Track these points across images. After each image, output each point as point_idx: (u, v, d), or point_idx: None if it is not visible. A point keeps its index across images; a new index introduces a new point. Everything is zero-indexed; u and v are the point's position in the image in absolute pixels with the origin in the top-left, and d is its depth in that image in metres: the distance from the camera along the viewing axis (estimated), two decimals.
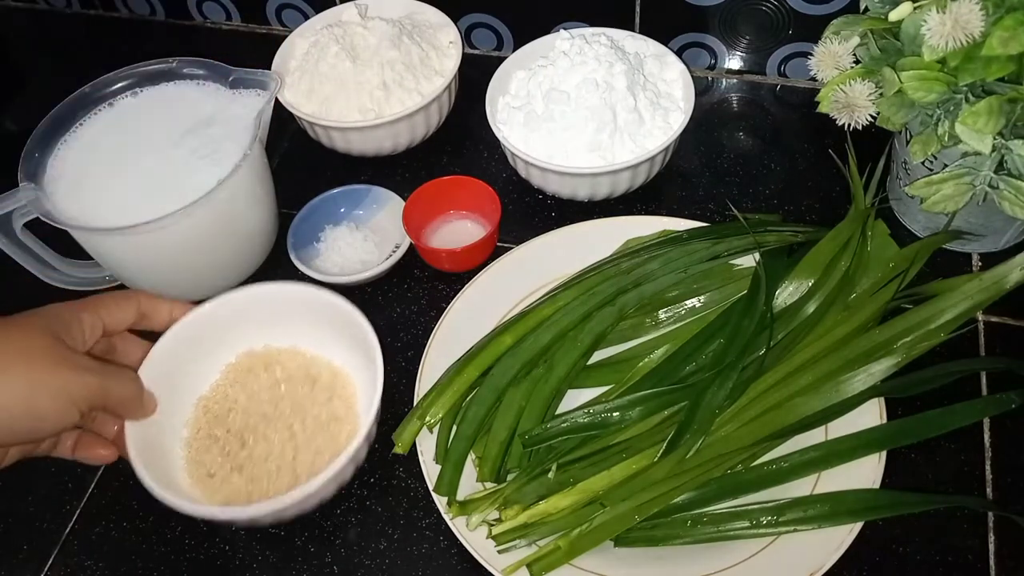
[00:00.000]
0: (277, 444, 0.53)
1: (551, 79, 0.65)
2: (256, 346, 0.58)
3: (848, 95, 0.52)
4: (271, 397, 0.55)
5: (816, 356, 0.53)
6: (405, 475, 0.55)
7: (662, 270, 0.57)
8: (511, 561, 0.48)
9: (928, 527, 0.51)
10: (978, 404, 0.53)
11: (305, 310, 0.55)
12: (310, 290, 0.55)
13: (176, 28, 0.87)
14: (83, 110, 0.63)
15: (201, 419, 0.56)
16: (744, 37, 0.72)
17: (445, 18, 0.73)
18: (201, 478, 0.53)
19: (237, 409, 0.55)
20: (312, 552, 0.53)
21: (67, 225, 0.57)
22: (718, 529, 0.49)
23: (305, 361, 0.57)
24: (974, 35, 0.45)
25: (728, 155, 0.70)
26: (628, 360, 0.57)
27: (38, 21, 0.90)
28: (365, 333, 0.52)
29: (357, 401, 0.55)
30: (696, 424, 0.50)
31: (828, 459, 0.51)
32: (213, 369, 0.57)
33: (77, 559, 0.54)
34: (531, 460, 0.52)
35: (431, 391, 0.53)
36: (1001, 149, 0.50)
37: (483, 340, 0.55)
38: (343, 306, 0.54)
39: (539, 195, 0.68)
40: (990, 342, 0.57)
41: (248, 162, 0.58)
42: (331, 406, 0.55)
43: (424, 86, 0.69)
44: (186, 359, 0.55)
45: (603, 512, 0.49)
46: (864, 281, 0.55)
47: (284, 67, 0.71)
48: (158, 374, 0.53)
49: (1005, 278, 0.52)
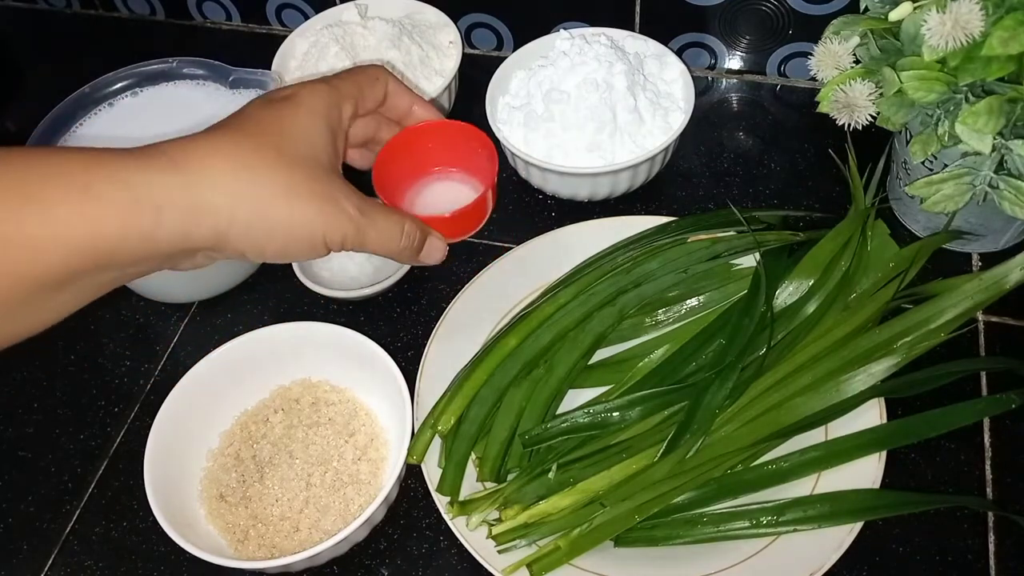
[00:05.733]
0: (291, 491, 0.53)
1: (551, 79, 0.65)
2: (313, 376, 0.57)
3: (848, 95, 0.52)
4: (305, 437, 0.54)
5: (816, 356, 0.53)
6: (404, 475, 0.55)
7: (662, 270, 0.57)
8: (511, 561, 0.48)
9: (928, 527, 0.51)
10: (978, 404, 0.53)
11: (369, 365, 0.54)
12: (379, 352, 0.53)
13: (176, 28, 0.87)
14: (83, 110, 0.63)
15: (236, 435, 0.55)
16: (744, 37, 0.72)
17: (445, 18, 0.73)
18: (212, 497, 0.53)
19: (270, 438, 0.55)
20: None
21: None
22: (718, 529, 0.49)
23: (350, 410, 0.56)
24: (974, 35, 0.45)
25: (728, 155, 0.70)
26: (628, 360, 0.57)
27: (38, 21, 0.90)
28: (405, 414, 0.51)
29: (383, 469, 0.54)
30: (696, 424, 0.50)
31: (828, 459, 0.51)
32: (264, 388, 0.57)
33: (77, 559, 0.54)
34: (531, 460, 0.52)
35: (441, 399, 0.53)
36: (1001, 149, 0.50)
37: (488, 344, 0.55)
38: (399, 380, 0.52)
39: (539, 195, 0.68)
40: (990, 342, 0.57)
41: None
42: (357, 467, 0.53)
43: (424, 86, 0.69)
44: (242, 369, 0.55)
45: (603, 512, 0.49)
46: (864, 281, 0.55)
47: (284, 67, 0.71)
48: (210, 376, 0.53)
49: (1005, 278, 0.52)
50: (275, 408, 0.56)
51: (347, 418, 0.55)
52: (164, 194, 0.36)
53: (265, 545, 0.51)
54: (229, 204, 0.38)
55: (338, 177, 0.42)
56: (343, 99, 0.44)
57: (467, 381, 0.53)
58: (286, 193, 0.39)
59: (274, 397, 0.57)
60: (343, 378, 0.57)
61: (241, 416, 0.56)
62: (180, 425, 0.53)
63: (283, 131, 0.41)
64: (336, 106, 0.44)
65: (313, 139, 0.42)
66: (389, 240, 0.44)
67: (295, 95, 0.43)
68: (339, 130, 0.44)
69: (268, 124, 0.41)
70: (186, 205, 0.37)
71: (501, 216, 0.68)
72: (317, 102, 0.43)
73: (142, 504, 0.55)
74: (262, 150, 0.39)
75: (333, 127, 0.43)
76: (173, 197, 0.36)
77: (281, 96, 0.43)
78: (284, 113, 0.42)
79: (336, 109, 0.44)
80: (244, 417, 0.56)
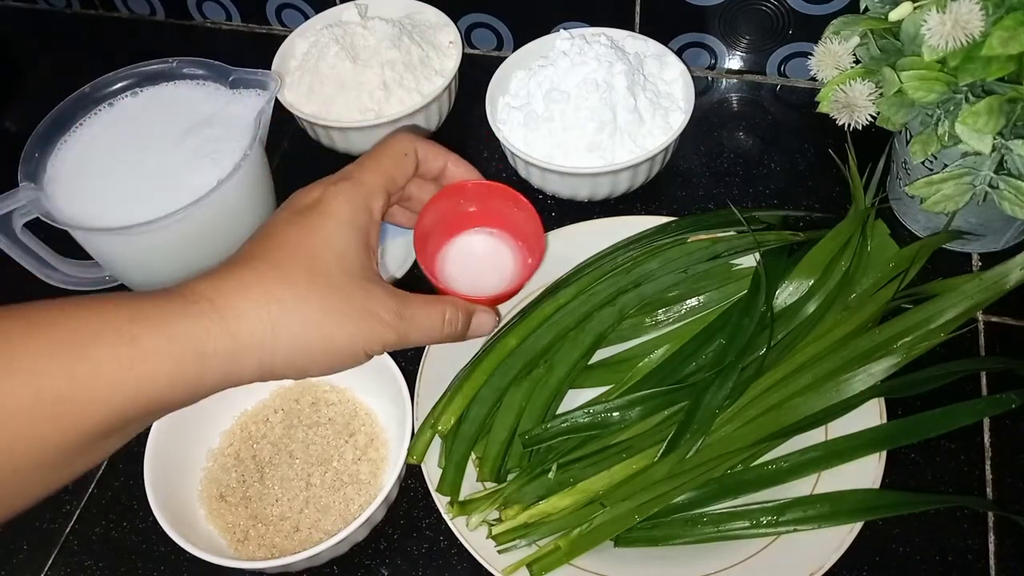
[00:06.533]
0: (291, 491, 0.53)
1: (551, 79, 0.65)
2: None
3: (848, 95, 0.52)
4: (305, 437, 0.55)
5: (816, 356, 0.53)
6: (404, 475, 0.55)
7: (662, 270, 0.57)
8: (511, 561, 0.48)
9: (928, 527, 0.51)
10: (978, 404, 0.53)
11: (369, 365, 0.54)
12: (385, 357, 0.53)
13: (176, 28, 0.87)
14: (83, 110, 0.63)
15: (236, 435, 0.55)
16: (744, 37, 0.72)
17: (445, 18, 0.73)
18: (212, 497, 0.53)
19: (270, 438, 0.55)
20: None
21: (67, 225, 0.57)
22: (718, 529, 0.49)
23: (349, 410, 0.56)
24: (974, 35, 0.45)
25: (728, 155, 0.70)
26: (628, 360, 0.57)
27: (38, 21, 0.90)
28: (405, 415, 0.51)
29: (383, 469, 0.54)
30: (696, 424, 0.50)
31: (828, 459, 0.51)
32: (263, 387, 0.57)
33: (77, 559, 0.54)
34: (531, 460, 0.52)
35: (441, 399, 0.53)
36: (1001, 149, 0.50)
37: (488, 344, 0.55)
38: (399, 380, 0.52)
39: (539, 195, 0.68)
40: (990, 342, 0.57)
41: (248, 162, 0.58)
42: (357, 467, 0.53)
43: (424, 86, 0.69)
44: None
45: (603, 512, 0.49)
46: (864, 281, 0.55)
47: (284, 67, 0.71)
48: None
49: (1005, 278, 0.52)
50: (275, 408, 0.56)
51: (347, 418, 0.55)
52: (208, 343, 0.37)
53: (265, 545, 0.51)
54: (270, 342, 0.39)
55: (372, 283, 0.42)
56: (371, 196, 0.44)
57: (467, 381, 0.53)
58: (321, 321, 0.40)
59: (274, 397, 0.57)
60: (343, 378, 0.57)
61: (241, 416, 0.56)
62: (180, 425, 0.53)
63: (309, 251, 0.41)
64: (364, 207, 0.43)
65: (342, 251, 0.42)
66: (431, 333, 0.44)
67: (319, 203, 0.42)
68: (371, 228, 0.44)
69: (295, 247, 0.41)
70: (229, 350, 0.38)
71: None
72: (343, 209, 0.42)
73: (142, 504, 0.55)
74: (290, 279, 0.40)
75: (363, 229, 0.43)
76: (216, 346, 0.37)
77: (305, 205, 0.43)
78: (309, 229, 0.42)
79: (364, 210, 0.43)
80: (244, 417, 0.56)
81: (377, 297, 0.42)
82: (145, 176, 0.60)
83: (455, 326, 0.45)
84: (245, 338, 0.38)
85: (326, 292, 0.40)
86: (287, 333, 0.39)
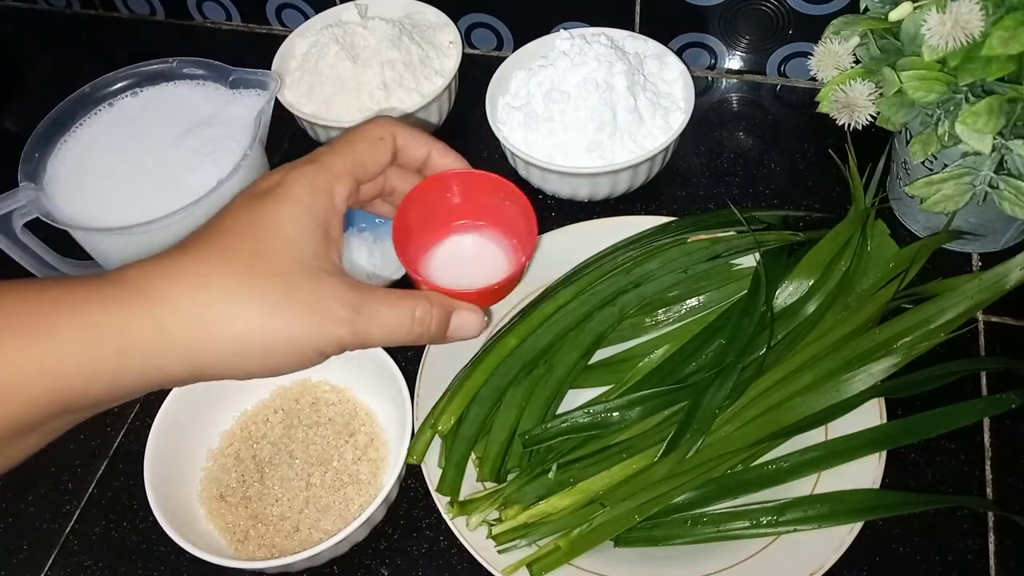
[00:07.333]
0: (291, 490, 0.53)
1: (551, 79, 0.65)
2: (313, 377, 0.57)
3: (848, 95, 0.52)
4: (305, 437, 0.55)
5: (816, 356, 0.53)
6: (404, 475, 0.55)
7: (662, 270, 0.57)
8: (511, 561, 0.48)
9: (928, 527, 0.51)
10: (978, 404, 0.53)
11: (369, 365, 0.54)
12: (379, 352, 0.53)
13: (176, 28, 0.87)
14: (83, 110, 0.63)
15: (236, 435, 0.55)
16: (744, 37, 0.72)
17: (445, 18, 0.73)
18: (212, 497, 0.53)
19: (270, 438, 0.55)
20: None
21: (67, 225, 0.57)
22: (718, 529, 0.49)
23: (349, 410, 0.56)
24: (974, 35, 0.45)
25: (728, 155, 0.70)
26: (628, 360, 0.57)
27: (38, 21, 0.90)
28: (405, 415, 0.51)
29: (383, 469, 0.54)
30: (696, 424, 0.50)
31: (828, 459, 0.50)
32: (263, 387, 0.57)
33: (77, 559, 0.54)
34: (531, 460, 0.52)
35: (441, 399, 0.53)
36: (1001, 149, 0.50)
37: (488, 344, 0.55)
38: (399, 380, 0.52)
39: (539, 195, 0.68)
40: (990, 342, 0.57)
41: (248, 162, 0.58)
42: (357, 467, 0.53)
43: (424, 86, 0.69)
44: None
45: (603, 512, 0.49)
46: (864, 281, 0.55)
47: (284, 67, 0.71)
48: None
49: (1005, 278, 0.52)
50: (275, 408, 0.56)
51: (347, 418, 0.55)
52: (130, 332, 0.34)
53: (265, 545, 0.51)
54: (200, 333, 0.35)
55: (327, 274, 0.38)
56: (335, 180, 0.40)
57: (467, 381, 0.53)
58: (260, 311, 0.36)
59: (274, 397, 0.57)
60: (343, 378, 0.57)
61: (241, 416, 0.56)
62: (180, 425, 0.53)
63: (257, 236, 0.37)
64: (325, 191, 0.39)
65: (294, 238, 0.38)
66: (397, 332, 0.40)
67: (278, 186, 0.39)
68: (331, 216, 0.40)
69: (242, 230, 0.37)
70: (154, 341, 0.34)
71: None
72: (301, 193, 0.39)
73: (142, 504, 0.55)
74: (232, 264, 0.36)
75: (322, 216, 0.39)
76: (138, 336, 0.34)
77: (264, 188, 0.39)
78: (262, 212, 0.38)
79: (325, 195, 0.39)
80: (244, 417, 0.56)
81: (329, 289, 0.37)
82: (145, 176, 0.60)
83: (428, 324, 0.40)
84: (172, 328, 0.34)
85: (269, 281, 0.36)
86: (221, 325, 0.35)
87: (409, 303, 0.40)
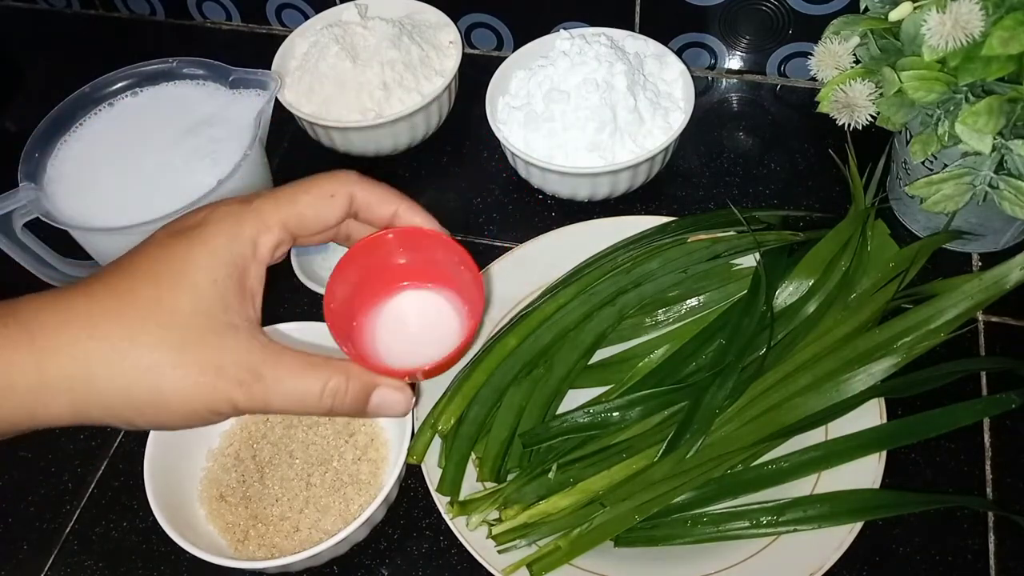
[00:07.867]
0: (291, 491, 0.53)
1: (551, 79, 0.65)
2: None
3: (848, 95, 0.52)
4: (305, 437, 0.54)
5: (816, 356, 0.53)
6: (404, 475, 0.55)
7: (662, 270, 0.57)
8: (511, 561, 0.48)
9: (928, 527, 0.51)
10: (978, 404, 0.53)
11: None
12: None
13: (176, 28, 0.87)
14: (83, 110, 0.63)
15: (236, 435, 0.55)
16: (744, 37, 0.72)
17: (445, 18, 0.73)
18: (211, 497, 0.53)
19: (270, 438, 0.55)
20: None
21: (67, 225, 0.57)
22: (718, 529, 0.49)
23: None
24: (974, 35, 0.45)
25: (728, 155, 0.70)
26: (628, 360, 0.57)
27: (38, 21, 0.90)
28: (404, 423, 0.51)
29: (383, 469, 0.54)
30: (696, 424, 0.50)
31: (828, 459, 0.51)
32: None
33: (77, 559, 0.54)
34: (531, 460, 0.52)
35: (441, 399, 0.53)
36: (1001, 149, 0.50)
37: (488, 344, 0.55)
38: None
39: (539, 195, 0.68)
40: (990, 342, 0.57)
41: (248, 162, 0.58)
42: (357, 467, 0.53)
43: (424, 86, 0.69)
44: None
45: (603, 512, 0.49)
46: (864, 281, 0.55)
47: (284, 67, 0.71)
48: None
49: (1005, 278, 0.52)
50: None
51: (347, 418, 0.55)
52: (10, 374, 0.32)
53: (265, 545, 0.51)
54: (82, 385, 0.33)
55: (232, 330, 0.35)
56: (263, 230, 0.37)
57: (467, 381, 0.53)
58: (149, 368, 0.34)
59: None
60: None
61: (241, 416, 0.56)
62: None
63: (162, 280, 0.35)
64: (248, 240, 0.36)
65: (202, 287, 0.35)
66: (303, 403, 0.36)
67: (198, 226, 0.36)
68: (248, 266, 0.36)
69: (148, 271, 0.35)
70: (35, 385, 0.33)
71: (501, 216, 0.68)
72: (219, 237, 0.36)
73: (142, 504, 0.55)
74: (127, 313, 0.34)
75: (238, 266, 0.36)
76: (18, 380, 0.33)
77: (185, 226, 0.37)
78: (174, 253, 0.35)
79: (247, 243, 0.36)
80: (244, 417, 0.56)
81: (230, 348, 0.35)
82: (145, 176, 0.60)
83: (341, 399, 0.37)
84: (53, 374, 0.33)
85: (163, 335, 0.34)
86: (104, 380, 0.33)
87: (322, 373, 0.36)
